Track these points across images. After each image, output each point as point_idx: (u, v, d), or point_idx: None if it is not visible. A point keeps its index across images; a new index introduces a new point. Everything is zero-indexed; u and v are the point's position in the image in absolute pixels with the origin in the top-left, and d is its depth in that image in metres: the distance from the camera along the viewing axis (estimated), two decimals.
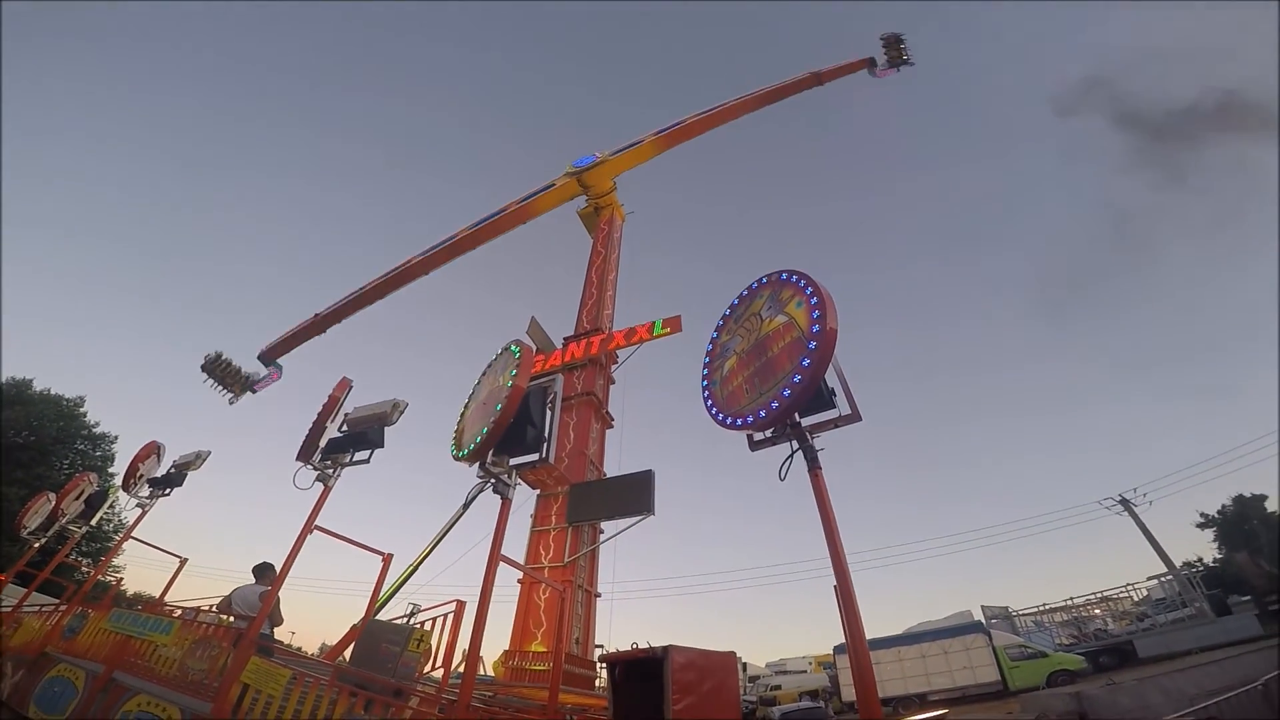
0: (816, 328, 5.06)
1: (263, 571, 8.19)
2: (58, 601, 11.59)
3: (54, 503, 13.31)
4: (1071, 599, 29.25)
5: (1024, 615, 29.48)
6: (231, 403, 24.53)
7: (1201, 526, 41.54)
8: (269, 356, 25.40)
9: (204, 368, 23.86)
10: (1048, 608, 29.57)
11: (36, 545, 13.07)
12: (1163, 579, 26.67)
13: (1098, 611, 28.51)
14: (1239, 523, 37.88)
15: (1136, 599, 27.57)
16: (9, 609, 11.29)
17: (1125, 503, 31.26)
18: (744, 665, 33.12)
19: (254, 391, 24.94)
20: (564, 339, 21.34)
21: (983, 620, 25.58)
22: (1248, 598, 26.06)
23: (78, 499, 12.96)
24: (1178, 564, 28.45)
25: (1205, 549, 40.70)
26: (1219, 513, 40.48)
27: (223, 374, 24.01)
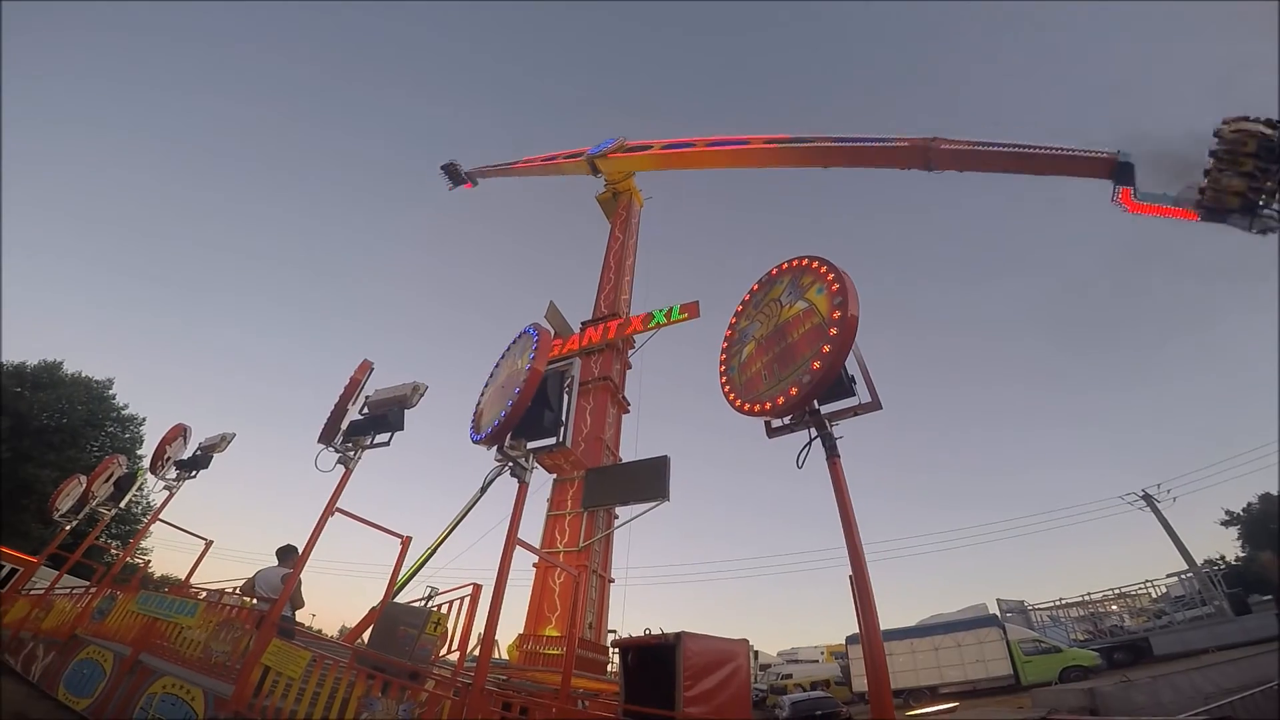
0: (838, 314, 4.99)
1: (286, 554, 8.31)
2: (88, 584, 11.87)
3: (85, 485, 13.57)
4: (1089, 594, 28.93)
5: (1040, 610, 29.22)
6: (450, 189, 36.35)
7: (1226, 524, 40.84)
8: (473, 175, 36.45)
9: (443, 167, 35.40)
10: (1064, 603, 29.27)
11: (68, 528, 13.35)
12: (1183, 576, 26.28)
13: (1115, 608, 28.16)
14: (1265, 521, 37.15)
15: (1155, 596, 27.20)
16: (41, 591, 11.56)
17: (1148, 498, 30.74)
18: (756, 654, 33.20)
19: (465, 187, 36.52)
20: (581, 324, 21.36)
21: (998, 614, 25.40)
22: (1269, 597, 25.60)
23: (107, 481, 13.19)
24: (1199, 561, 27.94)
25: (1228, 547, 40.07)
26: (1244, 510, 39.75)
27: (452, 174, 35.64)
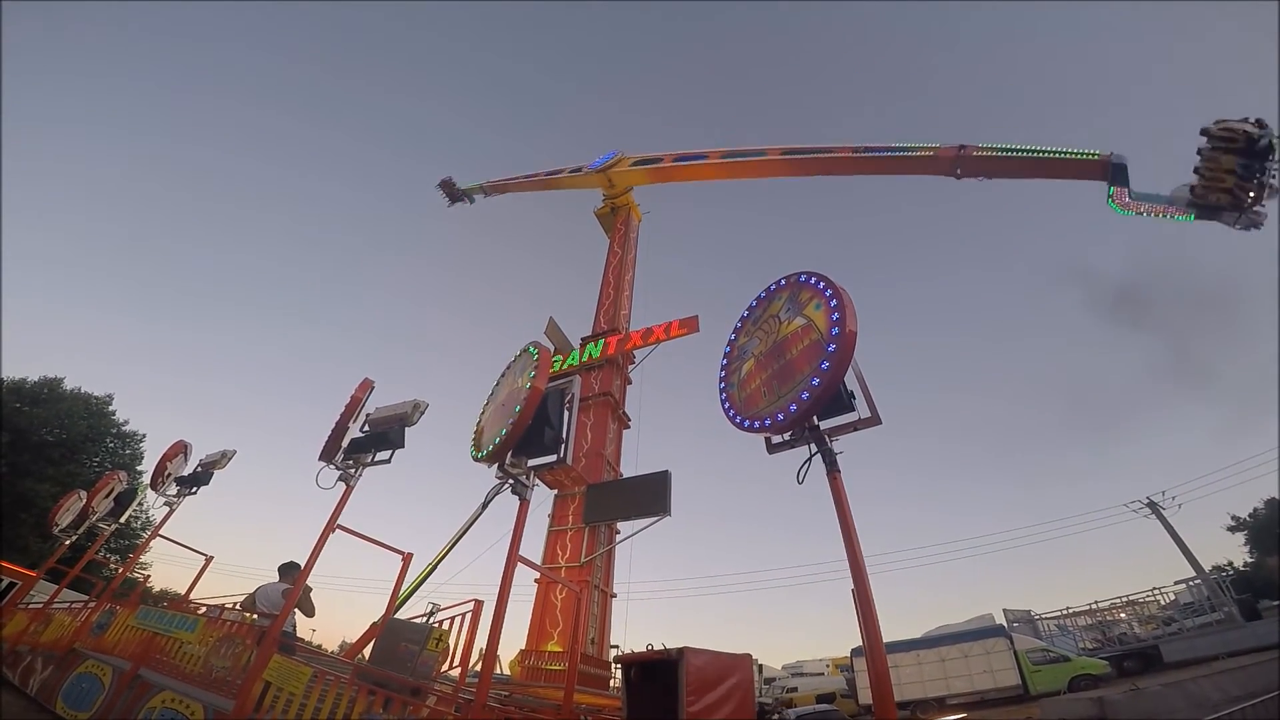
0: (836, 330, 5.00)
1: (288, 570, 8.30)
2: (87, 598, 11.84)
3: (85, 500, 13.58)
4: (1096, 603, 28.68)
5: (1047, 619, 28.95)
6: (448, 206, 36.25)
7: (1232, 530, 40.65)
8: (471, 193, 36.12)
9: (440, 184, 35.42)
10: (1071, 611, 29.01)
11: (67, 543, 13.35)
12: (1190, 583, 26.04)
13: (1123, 615, 27.89)
14: (1271, 526, 36.95)
15: (1163, 603, 26.98)
16: (40, 605, 11.54)
17: (1153, 506, 30.55)
18: (760, 667, 32.94)
19: (465, 202, 36.24)
20: (581, 339, 21.41)
21: (1004, 624, 25.19)
22: (1279, 602, 25.39)
23: (108, 497, 13.21)
24: (1207, 568, 27.71)
25: (1236, 553, 39.86)
26: (1250, 515, 39.55)
27: (449, 191, 35.63)
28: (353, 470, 7.81)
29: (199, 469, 11.85)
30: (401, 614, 10.59)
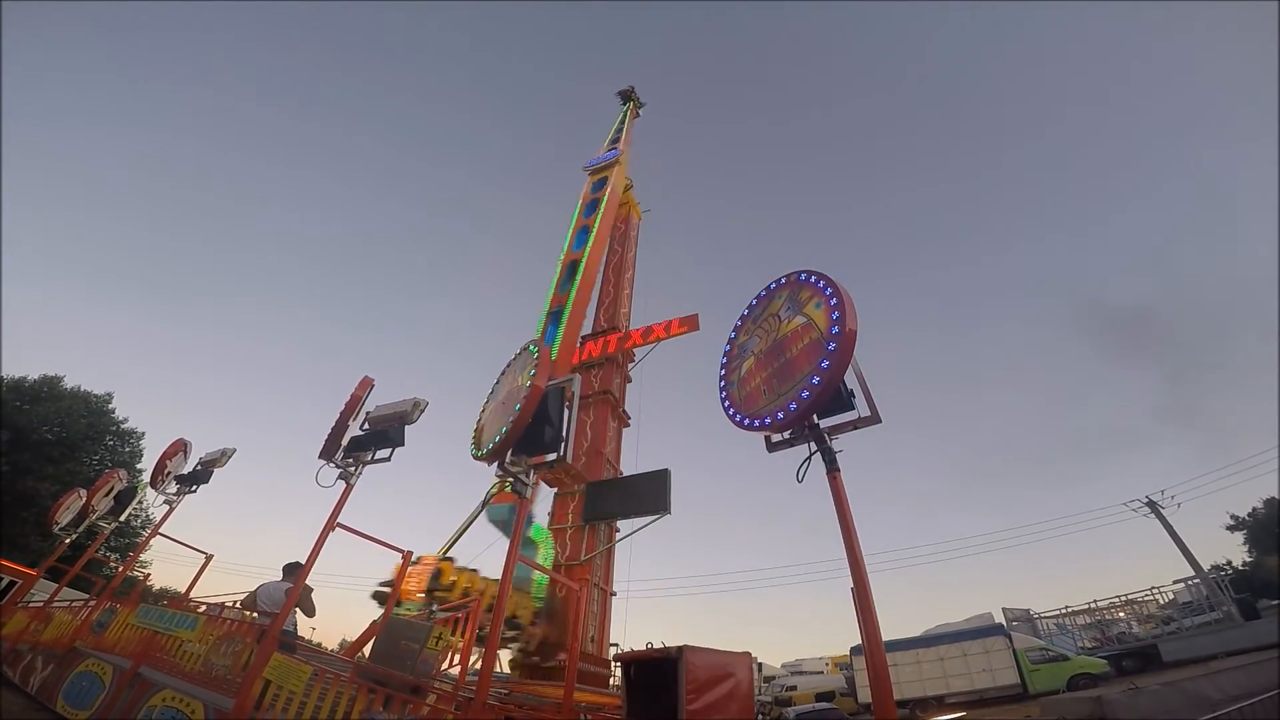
0: (835, 329, 5.00)
1: (292, 570, 8.29)
2: (87, 596, 11.84)
3: (85, 499, 13.57)
4: (1095, 602, 28.69)
5: (1046, 618, 28.97)
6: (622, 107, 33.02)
7: (1231, 529, 40.68)
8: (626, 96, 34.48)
9: (620, 94, 34.20)
10: (1070, 610, 29.02)
11: (67, 541, 13.34)
12: (1189, 582, 26.05)
13: (1122, 615, 27.90)
14: (1270, 525, 36.97)
15: (1162, 602, 26.99)
16: (40, 604, 11.54)
17: (1153, 505, 30.54)
18: (759, 666, 33.00)
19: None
20: (581, 338, 21.39)
21: (1004, 623, 25.21)
22: (1278, 601, 25.41)
23: (107, 495, 13.21)
24: (1206, 567, 27.69)
25: (1235, 552, 39.91)
26: (1249, 515, 39.57)
27: (626, 98, 34.21)
28: (353, 468, 7.80)
29: (199, 467, 11.84)
30: (401, 612, 10.60)
